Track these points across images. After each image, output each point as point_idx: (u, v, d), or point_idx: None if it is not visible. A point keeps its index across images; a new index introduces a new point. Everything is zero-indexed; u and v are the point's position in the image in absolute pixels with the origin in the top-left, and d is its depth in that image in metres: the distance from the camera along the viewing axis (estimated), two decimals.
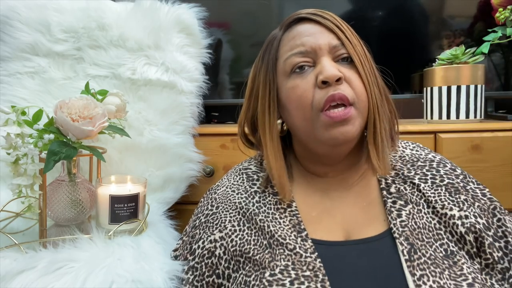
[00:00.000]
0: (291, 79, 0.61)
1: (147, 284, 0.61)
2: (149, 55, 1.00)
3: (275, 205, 0.64)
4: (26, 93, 0.95)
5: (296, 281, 0.54)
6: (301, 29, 0.61)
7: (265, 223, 0.61)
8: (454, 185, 0.62)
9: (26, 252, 0.65)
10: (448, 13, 1.22)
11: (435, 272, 0.53)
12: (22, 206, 0.76)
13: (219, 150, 1.06)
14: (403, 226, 0.58)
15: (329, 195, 0.65)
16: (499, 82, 1.21)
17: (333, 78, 0.56)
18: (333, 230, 0.61)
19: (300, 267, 0.55)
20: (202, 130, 1.07)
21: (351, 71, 0.59)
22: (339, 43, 0.59)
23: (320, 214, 0.63)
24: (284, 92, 0.62)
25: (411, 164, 0.66)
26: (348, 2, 1.25)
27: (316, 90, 0.58)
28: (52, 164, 0.65)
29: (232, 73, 1.30)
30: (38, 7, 0.98)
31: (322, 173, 0.66)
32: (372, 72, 0.61)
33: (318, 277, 0.54)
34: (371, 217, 0.61)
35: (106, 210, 0.74)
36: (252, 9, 1.28)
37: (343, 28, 0.60)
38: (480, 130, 0.98)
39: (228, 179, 0.72)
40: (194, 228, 0.69)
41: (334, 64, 0.59)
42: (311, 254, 0.56)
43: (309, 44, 0.59)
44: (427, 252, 0.55)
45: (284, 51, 0.62)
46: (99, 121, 0.72)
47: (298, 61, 0.60)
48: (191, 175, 1.01)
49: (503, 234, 0.58)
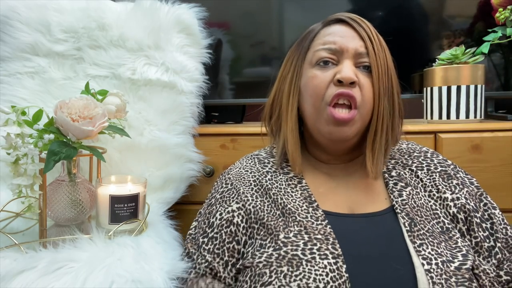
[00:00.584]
0: (314, 69, 0.67)
1: (147, 284, 0.61)
2: (149, 55, 1.00)
3: (286, 182, 0.70)
4: (26, 93, 0.95)
5: (309, 243, 0.59)
6: (337, 29, 0.67)
7: (277, 196, 0.67)
8: (447, 172, 0.70)
9: (26, 252, 0.65)
10: (448, 13, 1.22)
11: (433, 242, 0.59)
12: (22, 206, 0.76)
13: (219, 150, 1.06)
14: (404, 204, 0.64)
15: (334, 177, 0.71)
16: (499, 82, 1.21)
17: (348, 80, 0.62)
18: (339, 204, 0.66)
19: (312, 231, 0.61)
20: (202, 130, 1.07)
21: (366, 79, 0.65)
22: (364, 52, 0.65)
23: (327, 190, 0.69)
24: (304, 79, 0.68)
25: (408, 155, 0.73)
26: (348, 2, 1.25)
27: (330, 86, 0.64)
28: (52, 164, 0.65)
29: (232, 73, 1.30)
30: (38, 7, 0.98)
31: (325, 159, 0.72)
32: (388, 86, 0.65)
33: (329, 240, 0.59)
34: (373, 196, 0.67)
35: (106, 210, 0.74)
36: (252, 9, 1.28)
37: (373, 39, 0.65)
38: (480, 130, 0.98)
39: (240, 162, 0.77)
40: (209, 206, 0.73)
41: (353, 69, 0.64)
42: (321, 221, 0.62)
43: (339, 44, 0.65)
44: (425, 227, 0.62)
45: (317, 44, 0.68)
46: (99, 121, 0.72)
47: (325, 55, 0.66)
48: (191, 175, 1.01)
49: (489, 216, 0.66)
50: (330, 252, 0.58)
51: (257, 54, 1.29)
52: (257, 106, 1.46)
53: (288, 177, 0.70)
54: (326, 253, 0.57)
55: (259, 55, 1.29)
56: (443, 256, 0.57)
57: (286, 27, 1.27)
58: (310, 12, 1.24)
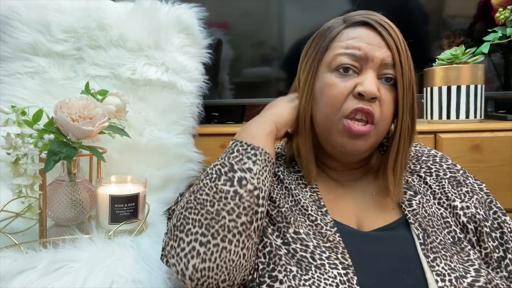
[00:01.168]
0: (332, 75, 0.61)
1: (147, 284, 0.61)
2: (149, 55, 1.00)
3: (296, 181, 0.66)
4: (26, 93, 0.95)
5: (318, 249, 0.56)
6: (363, 34, 0.61)
7: (291, 188, 0.64)
8: (456, 178, 0.66)
9: (26, 252, 0.65)
10: (448, 13, 1.22)
11: (445, 256, 0.56)
12: (22, 206, 0.76)
13: (219, 150, 1.06)
14: (415, 214, 0.61)
15: (341, 183, 0.67)
16: (499, 82, 1.21)
17: (370, 95, 0.57)
18: (347, 215, 0.63)
19: (320, 238, 0.58)
20: (202, 130, 1.07)
21: (388, 94, 0.60)
22: (391, 63, 0.59)
23: (335, 197, 0.65)
24: (321, 83, 0.62)
25: (416, 159, 0.69)
26: (348, 2, 1.25)
27: (349, 97, 0.59)
28: (52, 164, 0.65)
29: (232, 73, 1.30)
30: (38, 7, 0.98)
31: (332, 166, 0.68)
32: (411, 101, 0.61)
33: (339, 249, 0.56)
34: (381, 206, 0.64)
35: (106, 210, 0.74)
36: (252, 9, 1.28)
37: (401, 49, 0.60)
38: (480, 130, 0.98)
39: None
40: None
41: (376, 81, 0.59)
42: (330, 228, 0.59)
43: (364, 51, 0.59)
44: (438, 238, 0.59)
45: (338, 46, 0.62)
46: (99, 121, 0.72)
47: (347, 62, 0.60)
48: (191, 175, 1.01)
49: (499, 225, 0.62)
50: (340, 262, 0.54)
51: (257, 54, 1.29)
52: (257, 106, 1.46)
53: (298, 175, 0.67)
54: (336, 262, 0.54)
55: (259, 55, 1.29)
56: (456, 272, 0.55)
57: (286, 27, 1.27)
58: (310, 12, 1.24)
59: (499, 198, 0.66)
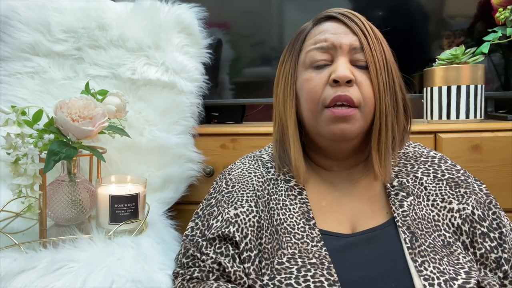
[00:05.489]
0: (308, 72, 0.64)
1: (147, 284, 0.61)
2: (149, 55, 1.00)
3: (286, 192, 0.66)
4: (26, 93, 0.95)
5: (303, 269, 0.56)
6: (328, 27, 0.64)
7: (275, 211, 0.64)
8: (455, 180, 0.65)
9: (26, 252, 0.65)
10: (448, 13, 1.22)
11: (434, 259, 0.56)
12: (22, 206, 0.76)
13: (219, 150, 1.06)
14: (405, 216, 0.61)
15: (337, 187, 0.67)
16: (499, 82, 1.21)
17: (344, 79, 0.59)
18: (341, 222, 0.63)
19: (306, 255, 0.58)
20: (202, 130, 1.07)
21: (364, 76, 0.61)
22: (359, 47, 0.61)
23: (330, 203, 0.65)
24: (300, 82, 0.65)
25: (414, 160, 0.69)
26: (348, 2, 1.25)
27: (326, 87, 0.61)
28: (52, 164, 0.65)
29: (232, 73, 1.30)
30: (38, 7, 0.98)
31: (327, 166, 0.69)
32: (388, 81, 0.62)
33: (324, 265, 0.56)
34: (375, 209, 0.64)
35: (106, 210, 0.74)
36: (252, 9, 1.28)
37: (367, 33, 0.62)
38: (480, 130, 0.98)
39: (242, 162, 0.73)
40: (209, 206, 0.68)
41: (349, 66, 0.61)
42: (317, 243, 0.59)
43: (331, 41, 0.62)
44: (427, 241, 0.58)
45: (308, 44, 0.65)
46: (99, 121, 0.72)
47: (318, 58, 0.63)
48: (191, 175, 1.01)
49: (498, 226, 0.61)
50: (325, 278, 0.55)
51: (257, 54, 1.29)
52: (257, 106, 1.47)
53: (288, 186, 0.66)
54: (322, 279, 0.55)
55: (259, 55, 1.29)
56: (446, 274, 0.54)
57: (286, 27, 1.27)
58: (310, 12, 1.24)
59: (499, 198, 0.65)
